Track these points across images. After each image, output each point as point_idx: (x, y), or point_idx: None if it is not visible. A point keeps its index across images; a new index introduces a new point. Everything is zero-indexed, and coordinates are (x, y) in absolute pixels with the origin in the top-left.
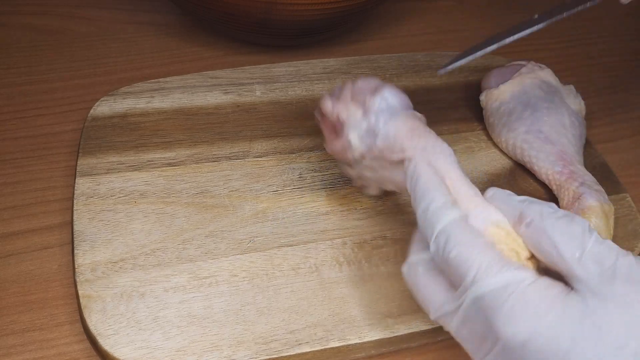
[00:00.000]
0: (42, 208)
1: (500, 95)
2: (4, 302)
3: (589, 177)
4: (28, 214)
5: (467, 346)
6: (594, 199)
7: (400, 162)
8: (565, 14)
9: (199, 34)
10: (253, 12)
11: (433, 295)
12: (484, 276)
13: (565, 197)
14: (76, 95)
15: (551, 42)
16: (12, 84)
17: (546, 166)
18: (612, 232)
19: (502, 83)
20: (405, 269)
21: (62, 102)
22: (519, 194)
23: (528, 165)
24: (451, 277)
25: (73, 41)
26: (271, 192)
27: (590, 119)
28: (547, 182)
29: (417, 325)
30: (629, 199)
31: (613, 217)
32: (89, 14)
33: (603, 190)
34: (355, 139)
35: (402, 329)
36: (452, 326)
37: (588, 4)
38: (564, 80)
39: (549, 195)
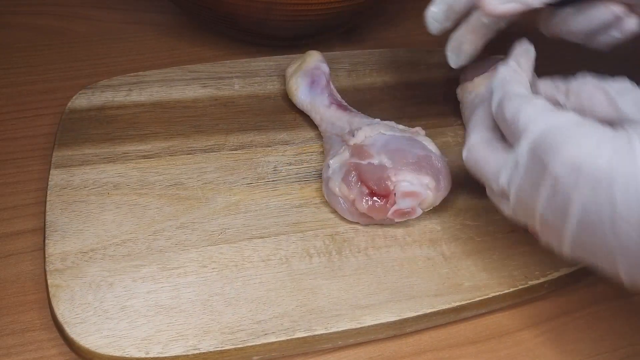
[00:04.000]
0: (41, 208)
1: (475, 88)
2: (4, 302)
3: None
4: (28, 214)
5: (525, 211)
6: None
7: None
8: None
9: (199, 34)
10: (253, 12)
11: (493, 164)
12: (534, 122)
13: None
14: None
15: (549, 42)
16: (12, 84)
17: None
18: None
19: (477, 76)
20: (465, 152)
21: (62, 102)
22: None
23: None
24: (510, 136)
25: (73, 41)
26: (245, 185)
27: None
28: None
29: (384, 317)
30: None
31: None
32: (89, 14)
33: None
34: None
35: (369, 320)
36: (511, 189)
37: None
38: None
39: None
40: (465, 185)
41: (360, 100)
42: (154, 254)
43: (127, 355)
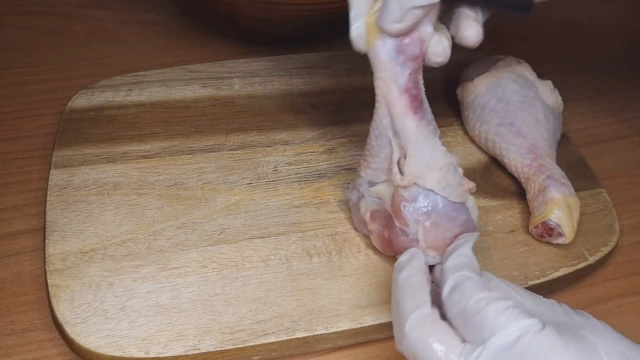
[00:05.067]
0: (41, 208)
1: (475, 88)
2: (4, 302)
3: (557, 171)
4: (28, 214)
5: None
6: (558, 192)
7: None
8: None
9: (199, 34)
10: (253, 12)
11: (440, 348)
12: (504, 327)
13: (531, 189)
14: None
15: (547, 43)
16: (12, 84)
17: (516, 159)
18: (575, 225)
19: (477, 76)
20: (407, 326)
21: (62, 102)
22: (493, 189)
23: (499, 158)
24: (465, 329)
25: (73, 41)
26: (245, 185)
27: (576, 121)
28: (516, 174)
29: (384, 317)
30: (605, 194)
31: (578, 210)
32: (89, 14)
33: (570, 184)
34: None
35: (369, 320)
36: None
37: None
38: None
39: (521, 189)
40: None
41: (360, 100)
42: (154, 254)
43: (127, 355)
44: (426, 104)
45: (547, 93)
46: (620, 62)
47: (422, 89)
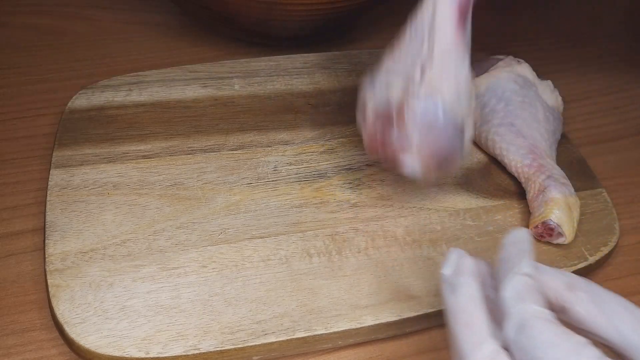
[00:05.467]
0: (41, 208)
1: (475, 88)
2: (4, 302)
3: (557, 171)
4: (28, 214)
5: None
6: (558, 192)
7: None
8: None
9: (199, 34)
10: (253, 12)
11: None
12: None
13: (531, 189)
14: None
15: (547, 43)
16: (12, 84)
17: (516, 159)
18: (575, 225)
19: (477, 76)
20: None
21: (63, 102)
22: (493, 189)
23: (499, 158)
24: None
25: (73, 41)
26: (245, 185)
27: (576, 121)
28: (516, 174)
29: (384, 317)
30: (605, 194)
31: (578, 210)
32: (89, 14)
33: (570, 184)
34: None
35: (369, 320)
36: None
37: None
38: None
39: (521, 189)
40: (465, 186)
41: None
42: (154, 254)
43: (127, 355)
44: (469, 27)
45: (547, 93)
46: (620, 62)
47: (470, 16)
